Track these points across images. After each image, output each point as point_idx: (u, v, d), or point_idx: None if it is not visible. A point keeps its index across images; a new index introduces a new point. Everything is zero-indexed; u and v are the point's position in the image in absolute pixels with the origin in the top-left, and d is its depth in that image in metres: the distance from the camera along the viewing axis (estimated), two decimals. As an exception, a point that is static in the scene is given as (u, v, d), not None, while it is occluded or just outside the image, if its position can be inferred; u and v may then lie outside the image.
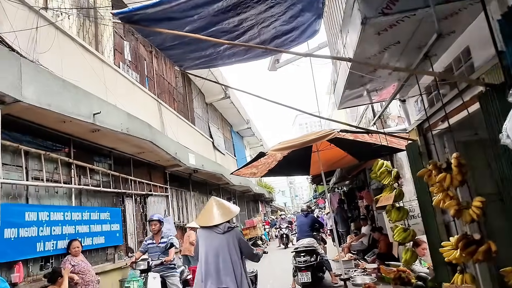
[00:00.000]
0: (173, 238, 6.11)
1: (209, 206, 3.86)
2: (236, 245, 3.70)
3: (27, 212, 5.14)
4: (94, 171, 7.13)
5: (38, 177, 5.62)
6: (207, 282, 3.57)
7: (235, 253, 3.66)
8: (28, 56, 5.39)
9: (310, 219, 8.30)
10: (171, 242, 5.98)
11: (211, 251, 3.66)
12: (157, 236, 6.11)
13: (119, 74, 8.78)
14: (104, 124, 6.20)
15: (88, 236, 6.42)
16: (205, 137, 15.87)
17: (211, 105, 18.20)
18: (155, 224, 6.08)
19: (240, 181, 17.14)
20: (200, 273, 3.67)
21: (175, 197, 11.31)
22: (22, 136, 5.42)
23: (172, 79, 13.17)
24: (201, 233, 3.84)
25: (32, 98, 4.66)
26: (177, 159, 9.52)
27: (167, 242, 5.99)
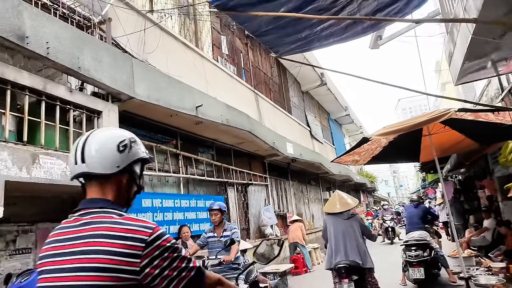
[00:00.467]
0: (237, 231, 4.91)
1: (333, 198, 5.00)
2: (358, 228, 4.71)
3: (143, 199, 5.65)
4: (199, 161, 7.54)
5: (151, 167, 6.13)
6: (336, 256, 4.62)
7: (358, 234, 4.66)
8: (138, 57, 5.87)
9: (421, 210, 7.55)
10: (233, 237, 4.63)
11: (339, 233, 4.71)
12: (219, 228, 4.90)
13: (218, 68, 9.12)
14: (206, 116, 6.49)
15: (196, 222, 6.82)
16: (302, 126, 15.71)
17: (307, 93, 17.92)
18: (216, 214, 4.89)
19: (339, 170, 16.60)
20: (330, 249, 4.76)
21: (275, 186, 11.43)
22: (137, 130, 5.95)
23: (267, 70, 13.27)
24: (328, 219, 4.96)
25: (143, 94, 5.06)
26: (275, 148, 9.56)
27: (229, 237, 4.63)
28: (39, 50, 3.59)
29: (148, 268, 1.13)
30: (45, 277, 1.19)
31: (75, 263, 1.13)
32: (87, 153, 1.26)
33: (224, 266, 4.54)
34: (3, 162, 3.10)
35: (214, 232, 4.89)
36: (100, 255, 1.11)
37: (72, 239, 1.19)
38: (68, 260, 1.15)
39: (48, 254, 1.22)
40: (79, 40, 4.14)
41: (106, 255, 1.11)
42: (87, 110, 4.24)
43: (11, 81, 3.36)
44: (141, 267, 1.12)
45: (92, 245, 1.14)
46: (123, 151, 1.30)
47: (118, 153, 1.28)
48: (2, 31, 3.23)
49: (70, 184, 3.69)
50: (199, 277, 1.24)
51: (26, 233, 3.98)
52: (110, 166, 1.27)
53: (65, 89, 3.95)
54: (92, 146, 1.27)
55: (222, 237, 4.74)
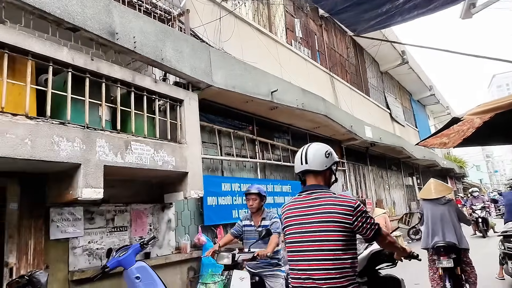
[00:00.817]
0: (277, 221, 3.98)
1: (428, 185, 5.25)
2: (454, 212, 4.99)
3: (223, 183, 5.88)
4: (275, 147, 7.60)
5: (229, 152, 6.34)
6: (433, 238, 4.91)
7: (454, 218, 4.95)
8: (214, 45, 6.04)
9: (523, 198, 6.73)
10: (273, 228, 3.86)
11: (436, 217, 5.00)
12: (257, 216, 4.11)
13: (292, 51, 9.01)
14: (281, 101, 6.48)
15: (273, 207, 6.91)
16: (382, 108, 14.91)
17: (387, 73, 16.90)
18: (254, 199, 4.05)
19: (424, 154, 15.50)
20: (427, 231, 5.04)
21: (352, 172, 11.08)
22: (215, 117, 6.18)
23: (343, 51, 12.77)
24: (425, 204, 5.25)
25: (220, 82, 5.22)
26: (352, 132, 9.24)
27: (268, 227, 3.83)
28: (127, 44, 3.87)
29: (356, 221, 2.05)
30: (295, 226, 2.16)
31: (317, 218, 2.08)
32: (309, 158, 2.22)
33: (260, 261, 3.82)
34: (101, 149, 3.44)
35: (251, 220, 4.13)
36: (332, 213, 2.05)
37: (309, 206, 2.14)
38: (311, 216, 2.11)
39: (294, 214, 2.20)
40: (162, 33, 4.38)
41: (335, 213, 2.05)
42: (170, 99, 4.50)
43: (105, 75, 3.68)
44: (353, 221, 2.04)
45: (325, 208, 2.08)
46: (328, 157, 2.24)
47: (326, 158, 2.22)
48: (96, 29, 3.54)
49: (157, 169, 3.98)
50: (379, 230, 2.13)
51: (122, 212, 4.40)
52: (321, 166, 2.21)
53: (151, 80, 4.23)
54: (311, 153, 2.23)
55: (260, 227, 3.92)
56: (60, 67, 3.34)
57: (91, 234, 4.03)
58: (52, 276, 3.52)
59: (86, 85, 3.50)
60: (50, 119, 3.16)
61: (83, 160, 3.27)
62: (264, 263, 3.90)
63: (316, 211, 2.09)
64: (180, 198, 4.59)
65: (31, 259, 3.45)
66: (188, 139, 4.55)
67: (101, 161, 3.42)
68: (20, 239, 3.43)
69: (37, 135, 2.97)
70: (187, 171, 4.41)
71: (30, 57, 3.11)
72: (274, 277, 3.91)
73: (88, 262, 3.94)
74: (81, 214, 3.95)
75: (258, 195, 4.06)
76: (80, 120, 3.42)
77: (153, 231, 4.71)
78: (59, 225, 3.74)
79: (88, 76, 3.53)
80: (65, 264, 3.76)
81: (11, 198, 3.49)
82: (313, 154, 2.21)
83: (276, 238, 3.78)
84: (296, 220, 2.16)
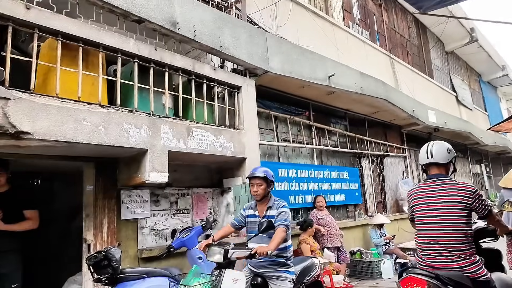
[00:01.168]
0: (286, 211, 3.24)
1: (510, 174, 5.09)
2: None
3: (279, 169, 5.91)
4: (332, 133, 7.45)
5: (286, 138, 6.33)
6: None
7: None
8: (270, 31, 6.00)
9: None
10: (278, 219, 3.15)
11: None
12: (262, 204, 3.36)
13: (349, 34, 8.69)
14: (338, 86, 6.32)
15: (330, 193, 6.84)
16: (446, 91, 13.93)
17: (453, 53, 15.69)
18: (259, 184, 3.30)
19: (494, 140, 14.30)
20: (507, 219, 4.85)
21: (414, 158, 10.55)
22: (271, 103, 6.19)
23: (404, 31, 12.06)
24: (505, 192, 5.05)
25: (277, 67, 5.19)
26: (414, 117, 8.78)
27: (274, 218, 3.19)
28: (188, 33, 3.98)
29: (474, 202, 2.60)
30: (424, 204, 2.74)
31: (443, 199, 2.65)
32: (434, 153, 2.78)
33: (264, 260, 3.14)
34: (166, 135, 3.61)
35: (255, 210, 3.39)
36: (455, 196, 2.62)
37: (435, 190, 2.72)
38: (437, 198, 2.68)
39: (422, 196, 2.78)
40: (220, 20, 4.44)
41: (458, 196, 2.61)
42: (229, 86, 4.58)
43: (168, 64, 3.83)
44: (472, 202, 2.60)
45: (450, 192, 2.65)
46: (450, 152, 2.81)
47: (448, 153, 2.79)
48: (159, 20, 3.68)
49: (217, 154, 4.10)
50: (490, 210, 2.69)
51: (184, 196, 4.61)
52: (445, 159, 2.78)
53: (210, 68, 4.32)
54: (435, 149, 2.79)
55: (265, 218, 3.21)
56: (127, 58, 3.54)
57: (157, 215, 4.28)
58: (124, 253, 3.80)
59: (150, 74, 3.67)
60: (120, 107, 3.37)
61: (150, 146, 3.46)
62: (268, 261, 3.19)
63: (442, 194, 2.68)
64: (238, 183, 4.69)
65: (105, 237, 3.75)
66: (246, 125, 4.61)
67: (166, 147, 3.59)
68: (95, 218, 3.74)
69: (109, 123, 3.19)
70: (245, 157, 4.48)
71: (101, 49, 3.32)
72: (279, 280, 3.19)
73: (155, 242, 4.20)
74: (148, 197, 4.20)
75: (264, 180, 3.30)
76: (146, 108, 3.61)
77: (213, 214, 4.88)
78: (129, 206, 4.01)
79: (153, 66, 3.70)
80: (135, 243, 4.04)
81: (87, 180, 3.81)
82: (437, 150, 2.79)
83: (282, 233, 3.04)
84: (424, 200, 2.76)
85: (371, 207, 8.23)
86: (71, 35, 3.09)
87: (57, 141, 2.85)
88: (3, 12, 2.69)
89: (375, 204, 8.39)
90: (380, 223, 7.16)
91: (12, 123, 2.62)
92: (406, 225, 8.87)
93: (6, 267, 3.30)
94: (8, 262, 3.32)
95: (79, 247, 3.82)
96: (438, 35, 14.13)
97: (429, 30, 13.73)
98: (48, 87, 3.11)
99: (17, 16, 2.77)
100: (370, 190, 8.35)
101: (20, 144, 2.81)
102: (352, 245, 6.96)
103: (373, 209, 8.25)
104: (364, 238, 7.42)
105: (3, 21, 2.74)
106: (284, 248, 3.23)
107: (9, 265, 3.33)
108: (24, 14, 2.81)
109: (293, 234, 5.74)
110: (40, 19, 2.89)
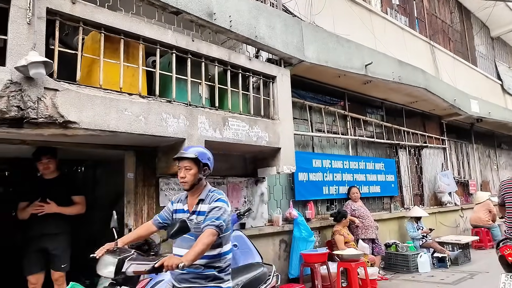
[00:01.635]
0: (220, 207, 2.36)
1: None
2: None
3: (313, 159, 5.87)
4: (367, 123, 7.29)
5: (320, 128, 6.27)
6: None
7: None
8: (306, 19, 5.92)
9: None
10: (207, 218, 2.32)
11: None
12: (193, 197, 2.52)
13: (387, 20, 8.40)
14: (375, 75, 6.16)
15: (365, 185, 6.72)
16: (491, 79, 13.19)
17: (498, 39, 14.79)
18: (187, 169, 2.44)
19: (543, 131, 13.44)
20: None
21: (454, 150, 10.14)
22: (306, 93, 6.13)
23: (446, 16, 11.49)
24: None
25: (312, 57, 5.13)
26: (456, 106, 8.41)
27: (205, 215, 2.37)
28: (224, 24, 4.00)
29: None
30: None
31: None
32: None
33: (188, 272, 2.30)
34: (202, 125, 3.68)
35: (184, 203, 2.55)
36: None
37: None
38: None
39: None
40: (255, 10, 4.43)
41: None
42: (264, 75, 4.58)
43: (204, 55, 3.88)
44: None
45: None
46: None
47: None
48: (196, 11, 3.72)
49: (252, 144, 4.13)
50: None
51: (220, 185, 4.69)
52: None
53: (245, 58, 4.34)
54: None
55: (195, 214, 2.41)
56: (165, 49, 3.61)
57: (193, 203, 4.39)
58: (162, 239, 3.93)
59: (188, 65, 3.74)
60: (159, 97, 3.46)
61: (187, 135, 3.54)
62: (193, 274, 2.31)
63: None
64: (273, 173, 4.71)
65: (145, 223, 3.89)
66: (281, 115, 4.61)
67: (202, 136, 3.66)
68: (136, 205, 3.89)
69: (149, 112, 3.29)
70: (279, 147, 4.49)
71: (141, 41, 3.41)
72: None
73: (191, 228, 4.32)
74: (185, 185, 4.31)
75: (194, 163, 2.43)
76: (183, 98, 3.69)
77: (247, 203, 4.94)
78: (167, 194, 4.14)
79: (190, 57, 3.76)
80: (172, 229, 4.17)
81: (128, 168, 3.96)
82: None
83: (209, 237, 2.19)
84: None
85: (408, 200, 8.01)
86: (113, 28, 3.20)
87: (101, 130, 2.98)
88: (51, 7, 2.82)
89: (412, 196, 8.16)
90: (417, 216, 6.97)
91: (60, 113, 2.76)
92: (445, 219, 8.62)
93: (58, 248, 3.52)
94: (59, 243, 3.53)
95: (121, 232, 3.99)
96: (483, 20, 13.35)
97: (473, 15, 13.00)
98: (92, 79, 3.25)
99: (64, 10, 2.90)
100: (407, 182, 8.12)
101: (67, 133, 2.96)
102: (387, 237, 6.83)
103: (410, 201, 8.03)
104: (400, 231, 7.26)
105: (51, 15, 2.87)
106: (216, 256, 2.34)
107: (60, 247, 3.54)
108: (70, 9, 2.93)
109: (327, 225, 5.76)
110: (85, 13, 3.01)
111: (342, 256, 4.88)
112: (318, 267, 4.72)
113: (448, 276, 5.77)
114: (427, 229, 6.86)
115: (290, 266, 5.06)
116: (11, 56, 2.61)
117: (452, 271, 6.06)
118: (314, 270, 4.74)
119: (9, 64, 2.60)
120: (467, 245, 6.93)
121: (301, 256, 4.88)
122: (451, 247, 6.83)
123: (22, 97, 2.60)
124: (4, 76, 2.56)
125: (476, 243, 8.16)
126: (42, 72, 2.57)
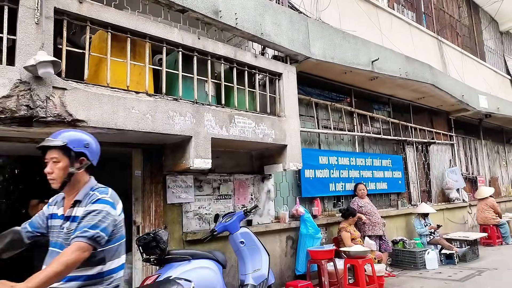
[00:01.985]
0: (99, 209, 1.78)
1: None
2: None
3: (320, 156, 5.87)
4: (374, 119, 7.25)
5: (326, 125, 6.25)
6: None
7: None
8: (312, 16, 5.89)
9: None
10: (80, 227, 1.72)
11: None
12: (69, 197, 1.92)
13: (394, 16, 8.33)
14: (382, 71, 6.12)
15: (372, 181, 6.70)
16: (500, 74, 13.03)
17: (508, 33, 14.59)
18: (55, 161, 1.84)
19: (554, 127, 13.26)
20: None
21: (462, 146, 10.05)
22: (312, 90, 6.12)
23: (454, 11, 11.36)
24: None
25: (318, 53, 5.11)
26: (464, 102, 8.33)
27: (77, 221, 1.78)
28: (230, 21, 4.01)
29: None
30: None
31: None
32: None
33: None
34: (209, 122, 3.70)
35: (59, 206, 1.97)
36: None
37: None
38: None
39: None
40: (261, 7, 4.42)
41: None
42: (270, 73, 4.58)
43: (210, 52, 3.89)
44: None
45: None
46: None
47: None
48: (202, 9, 3.73)
49: (258, 141, 4.14)
50: None
51: (226, 182, 4.71)
52: None
53: (251, 55, 4.34)
54: None
55: (69, 220, 1.86)
56: (172, 47, 3.63)
57: (200, 200, 4.42)
58: (170, 235, 3.96)
59: (194, 63, 3.76)
60: (165, 95, 3.48)
61: (194, 133, 3.56)
62: None
63: None
64: (279, 170, 4.72)
65: (153, 220, 3.94)
66: (287, 112, 4.61)
67: (209, 134, 3.68)
68: (144, 202, 3.92)
69: (156, 111, 3.31)
70: (286, 144, 4.49)
71: (147, 39, 3.43)
72: None
73: (198, 226, 4.35)
74: (192, 182, 4.34)
75: (63, 153, 1.86)
76: (190, 96, 3.70)
77: (254, 200, 4.96)
78: (174, 191, 4.17)
79: (196, 55, 3.78)
80: (180, 226, 4.21)
81: (135, 166, 4.00)
82: None
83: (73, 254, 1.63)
84: None
85: (415, 196, 7.97)
86: (120, 27, 3.22)
87: (109, 128, 3.02)
88: (58, 7, 2.85)
89: (419, 193, 8.12)
90: (424, 212, 6.93)
91: (68, 111, 2.80)
92: (452, 215, 8.55)
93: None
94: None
95: (129, 229, 4.04)
96: (492, 14, 13.17)
97: (481, 9, 12.84)
98: (99, 77, 3.28)
99: (71, 10, 2.93)
100: (414, 179, 8.08)
101: (76, 131, 3.00)
102: (395, 234, 6.81)
103: (417, 198, 7.99)
104: (407, 228, 7.23)
105: (59, 15, 2.90)
106: (96, 276, 1.78)
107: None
108: (78, 8, 2.96)
109: (333, 222, 5.76)
110: (92, 12, 3.03)
111: (349, 253, 4.88)
112: (325, 263, 4.73)
113: (456, 273, 5.74)
114: (435, 225, 6.82)
115: (297, 263, 5.08)
116: (20, 55, 2.65)
117: (460, 268, 6.03)
118: (321, 266, 4.75)
119: (18, 63, 2.63)
120: (475, 241, 6.88)
121: (307, 252, 4.89)
122: (459, 243, 6.79)
123: (31, 96, 2.64)
124: (14, 75, 2.60)
125: (485, 240, 8.10)
126: (51, 71, 2.61)
